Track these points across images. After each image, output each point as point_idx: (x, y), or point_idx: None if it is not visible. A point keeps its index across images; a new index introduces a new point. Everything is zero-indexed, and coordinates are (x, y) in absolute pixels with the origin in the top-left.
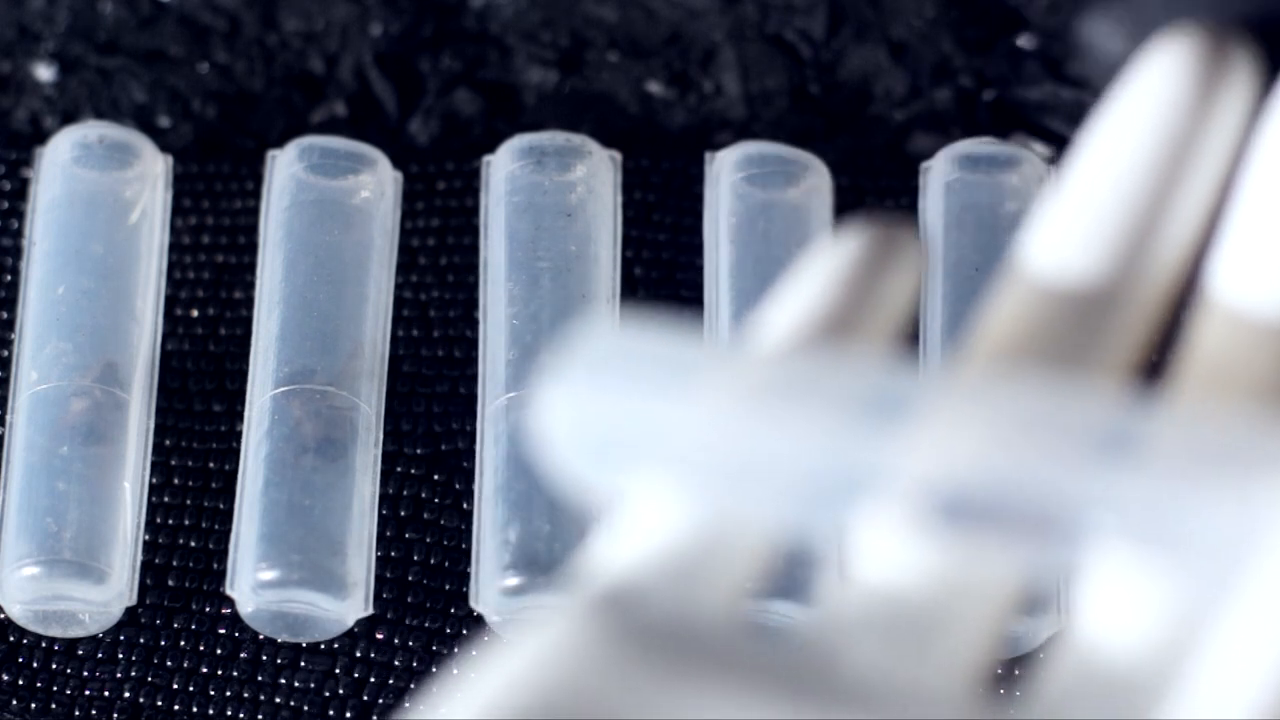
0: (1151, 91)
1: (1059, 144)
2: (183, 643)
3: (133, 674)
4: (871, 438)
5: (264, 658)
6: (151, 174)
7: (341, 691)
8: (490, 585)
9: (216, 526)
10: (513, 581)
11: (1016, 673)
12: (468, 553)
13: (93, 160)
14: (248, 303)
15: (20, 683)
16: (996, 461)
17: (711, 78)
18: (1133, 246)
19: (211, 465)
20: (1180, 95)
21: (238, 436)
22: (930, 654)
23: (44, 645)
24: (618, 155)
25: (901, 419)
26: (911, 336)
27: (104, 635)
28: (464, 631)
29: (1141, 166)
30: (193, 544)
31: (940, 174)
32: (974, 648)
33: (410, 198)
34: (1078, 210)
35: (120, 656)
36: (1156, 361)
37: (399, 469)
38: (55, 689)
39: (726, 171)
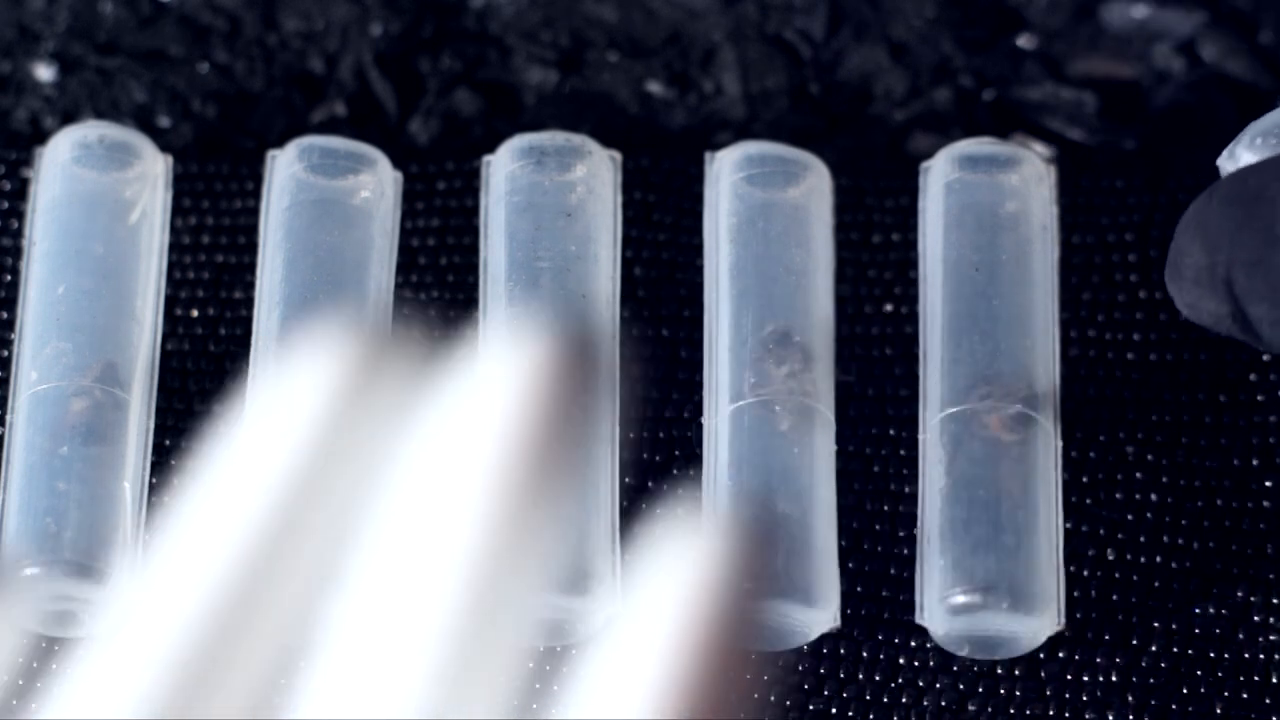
0: None
1: (1059, 144)
2: None
3: None
4: None
5: None
6: (151, 174)
7: None
8: None
9: None
10: None
11: (1016, 672)
12: None
13: (93, 160)
14: (248, 303)
15: (20, 683)
16: None
17: (711, 78)
18: None
19: None
20: None
21: None
22: None
23: (44, 645)
24: (618, 155)
25: None
26: (910, 338)
27: None
28: None
29: None
30: None
31: (940, 174)
32: None
33: (410, 198)
34: None
35: None
36: None
37: None
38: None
39: (726, 171)
